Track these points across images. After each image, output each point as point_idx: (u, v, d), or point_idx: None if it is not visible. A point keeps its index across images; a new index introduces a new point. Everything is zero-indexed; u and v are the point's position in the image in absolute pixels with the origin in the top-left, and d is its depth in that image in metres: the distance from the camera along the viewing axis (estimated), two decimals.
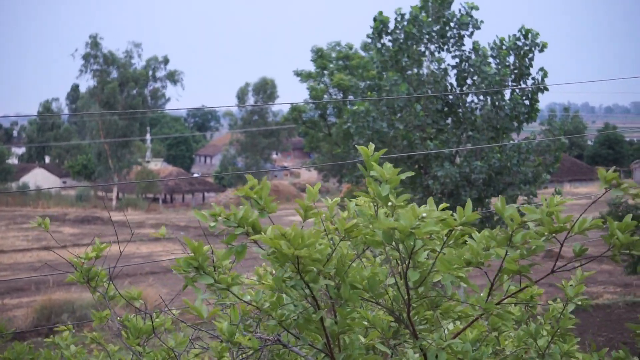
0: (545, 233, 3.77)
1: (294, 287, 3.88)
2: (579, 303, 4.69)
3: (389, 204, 3.93)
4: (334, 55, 50.78)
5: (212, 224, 3.94)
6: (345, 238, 4.02)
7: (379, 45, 30.99)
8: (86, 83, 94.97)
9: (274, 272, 4.43)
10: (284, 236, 3.66)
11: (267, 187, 4.08)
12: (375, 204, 4.07)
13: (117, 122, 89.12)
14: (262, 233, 3.79)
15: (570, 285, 4.72)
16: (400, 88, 29.36)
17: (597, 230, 4.02)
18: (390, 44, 30.60)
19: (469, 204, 3.76)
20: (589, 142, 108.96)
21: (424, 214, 3.62)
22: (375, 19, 30.64)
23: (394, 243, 3.69)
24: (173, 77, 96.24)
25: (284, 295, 4.01)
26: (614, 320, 30.66)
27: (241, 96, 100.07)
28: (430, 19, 29.98)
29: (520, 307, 4.75)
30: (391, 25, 30.48)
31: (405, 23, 30.12)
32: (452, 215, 3.76)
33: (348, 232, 3.98)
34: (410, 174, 4.09)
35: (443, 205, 3.85)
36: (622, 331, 27.41)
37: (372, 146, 4.18)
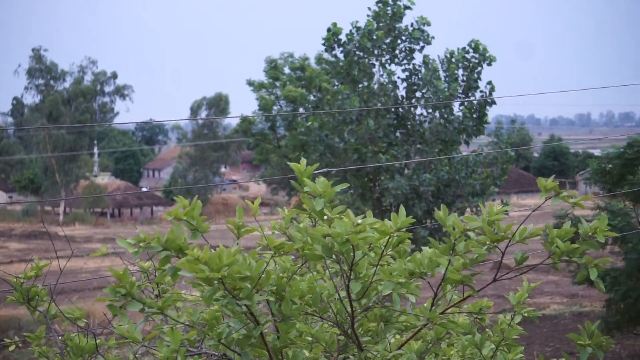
0: (487, 242, 3.82)
1: (226, 306, 3.86)
2: (526, 314, 4.75)
3: (325, 217, 3.95)
4: (287, 66, 50.85)
5: (134, 250, 3.89)
6: (276, 255, 4.01)
7: (331, 57, 31.10)
8: (32, 99, 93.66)
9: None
10: (197, 260, 3.64)
11: (198, 207, 4.04)
12: (313, 219, 4.07)
13: (64, 136, 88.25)
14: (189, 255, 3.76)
15: (516, 295, 4.77)
16: (352, 102, 29.47)
17: (543, 240, 4.07)
18: (342, 55, 30.68)
19: (402, 210, 3.79)
20: (535, 154, 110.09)
21: (359, 221, 3.64)
22: (328, 30, 30.72)
23: (334, 256, 3.70)
24: (121, 92, 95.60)
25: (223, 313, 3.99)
26: (560, 330, 30.99)
27: (195, 110, 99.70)
28: (382, 32, 30.12)
29: (469, 319, 4.79)
30: (343, 37, 30.57)
31: (359, 36, 30.22)
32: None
33: (278, 249, 3.98)
34: (344, 185, 4.08)
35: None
36: (569, 341, 27.68)
37: (304, 161, 4.17)
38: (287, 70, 50.99)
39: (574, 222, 4.02)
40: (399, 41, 30.53)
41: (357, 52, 30.27)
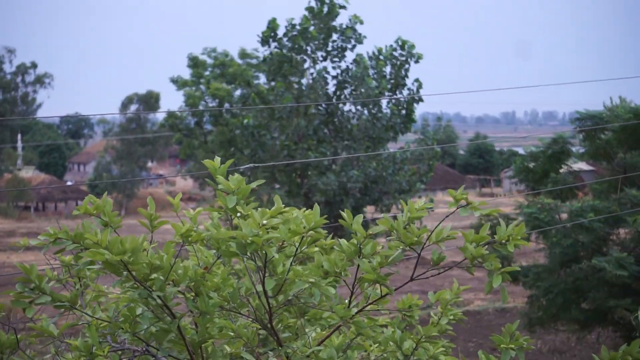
0: (401, 246, 3.87)
1: (139, 298, 3.84)
2: (452, 318, 4.82)
3: (238, 214, 3.95)
4: (210, 62, 50.53)
5: (34, 242, 3.86)
6: (184, 244, 4.02)
7: (263, 52, 31.14)
8: None
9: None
10: (98, 244, 3.62)
11: (109, 204, 4.02)
12: (229, 215, 4.07)
13: None
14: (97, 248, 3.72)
15: (441, 293, 4.83)
16: (284, 100, 29.49)
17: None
18: (277, 49, 30.67)
19: (317, 207, 3.81)
20: (461, 152, 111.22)
21: (264, 222, 3.64)
22: (268, 25, 30.68)
23: (249, 253, 3.71)
24: (41, 80, 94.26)
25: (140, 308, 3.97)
26: (484, 326, 31.38)
27: (126, 105, 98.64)
28: (315, 30, 30.17)
29: (397, 316, 4.82)
30: (280, 33, 30.59)
31: (294, 33, 30.22)
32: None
33: (185, 237, 3.98)
34: (260, 182, 4.09)
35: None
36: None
37: (218, 159, 4.18)
38: (210, 65, 50.69)
39: (494, 223, 4.09)
40: (331, 39, 30.64)
41: (291, 49, 30.29)
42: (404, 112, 31.12)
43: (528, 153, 27.44)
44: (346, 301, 4.16)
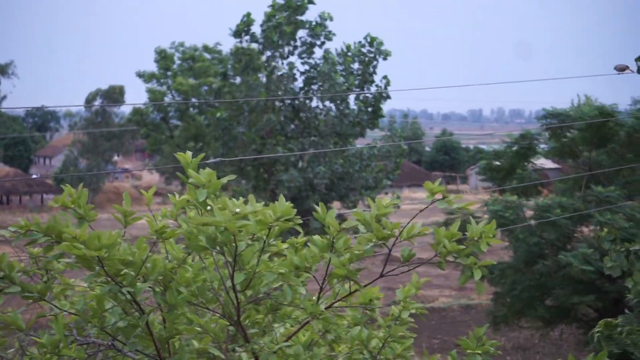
0: (373, 240, 3.86)
1: (109, 294, 3.80)
2: (414, 311, 4.82)
3: (208, 208, 3.93)
4: (178, 56, 50.42)
5: (7, 234, 3.80)
6: (159, 240, 3.98)
7: (239, 43, 31.07)
8: None
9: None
10: (75, 239, 3.59)
11: (84, 196, 3.98)
12: (198, 209, 4.04)
13: None
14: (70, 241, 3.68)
15: (404, 289, 4.83)
16: (261, 95, 29.48)
17: (432, 238, 4.14)
18: (248, 43, 30.65)
19: (282, 198, 3.79)
20: (427, 148, 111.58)
21: (237, 209, 3.62)
22: (242, 19, 30.63)
23: (218, 247, 3.68)
24: (4, 71, 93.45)
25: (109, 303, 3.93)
26: (448, 322, 31.54)
27: (90, 100, 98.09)
28: (286, 25, 30.17)
29: (359, 310, 4.82)
30: (253, 28, 30.59)
31: (270, 24, 30.20)
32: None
33: (160, 234, 3.94)
34: (231, 177, 4.07)
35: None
36: (457, 333, 28.23)
37: (189, 153, 4.15)
38: (179, 59, 50.58)
39: (462, 220, 4.11)
40: (300, 34, 30.66)
41: (263, 43, 30.27)
42: (371, 108, 31.18)
43: (494, 151, 27.56)
44: (314, 298, 4.15)
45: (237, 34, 30.84)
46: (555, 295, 24.84)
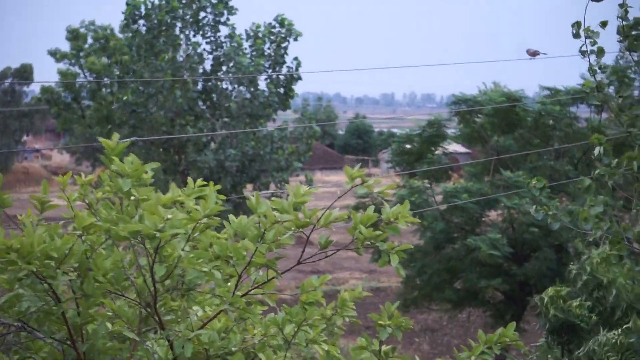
0: (292, 228, 3.87)
1: (30, 285, 3.74)
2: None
3: (132, 198, 3.87)
4: (90, 35, 49.70)
5: None
6: (85, 235, 3.90)
7: (133, 29, 30.56)
8: None
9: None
10: (10, 248, 3.52)
11: None
12: (119, 197, 3.97)
13: None
14: None
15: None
16: (165, 75, 29.12)
17: (347, 223, 4.17)
18: (144, 28, 30.22)
19: (213, 194, 3.77)
20: (340, 132, 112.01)
21: (169, 216, 3.58)
22: (127, 4, 30.08)
23: (139, 238, 3.63)
24: None
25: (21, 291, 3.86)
26: (359, 305, 31.69)
27: (1, 77, 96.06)
28: (183, 3, 29.77)
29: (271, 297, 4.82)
30: (144, 11, 30.08)
31: (157, 10, 29.75)
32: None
33: (87, 229, 3.87)
34: (155, 164, 4.00)
35: (199, 182, 3.86)
36: (365, 315, 28.49)
37: (116, 136, 4.07)
38: (90, 40, 49.86)
39: (375, 203, 4.14)
40: (202, 13, 30.33)
41: (159, 26, 29.85)
42: (282, 90, 31.15)
43: (405, 135, 27.79)
44: (229, 284, 4.14)
45: (132, 21, 30.32)
46: (463, 278, 25.27)
